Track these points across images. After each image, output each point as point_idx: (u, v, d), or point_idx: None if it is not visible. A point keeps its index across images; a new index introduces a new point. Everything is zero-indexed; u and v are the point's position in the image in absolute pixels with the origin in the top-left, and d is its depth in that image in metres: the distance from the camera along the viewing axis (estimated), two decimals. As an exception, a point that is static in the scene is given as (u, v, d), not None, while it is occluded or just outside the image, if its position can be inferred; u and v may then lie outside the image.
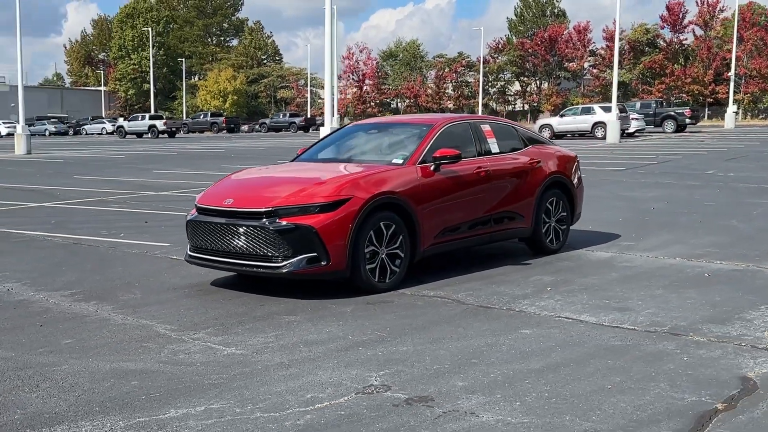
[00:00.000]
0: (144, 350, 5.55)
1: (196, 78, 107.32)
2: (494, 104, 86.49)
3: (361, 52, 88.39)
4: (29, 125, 73.68)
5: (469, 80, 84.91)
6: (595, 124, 43.13)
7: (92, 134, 74.75)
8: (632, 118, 44.57)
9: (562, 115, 46.51)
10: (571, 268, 8.55)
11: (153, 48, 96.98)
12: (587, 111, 45.38)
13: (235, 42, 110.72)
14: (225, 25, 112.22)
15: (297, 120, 71.88)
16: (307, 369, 5.10)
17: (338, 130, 9.73)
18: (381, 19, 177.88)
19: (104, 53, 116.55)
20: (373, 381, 4.85)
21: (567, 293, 7.31)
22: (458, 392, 4.65)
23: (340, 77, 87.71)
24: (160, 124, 61.16)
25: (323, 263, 6.97)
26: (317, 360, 5.30)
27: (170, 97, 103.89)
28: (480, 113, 69.27)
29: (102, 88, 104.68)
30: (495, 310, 6.72)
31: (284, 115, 74.26)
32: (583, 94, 79.72)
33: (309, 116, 74.03)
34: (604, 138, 40.37)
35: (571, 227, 10.20)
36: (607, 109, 42.19)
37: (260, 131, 73.45)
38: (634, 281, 7.80)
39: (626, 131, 43.76)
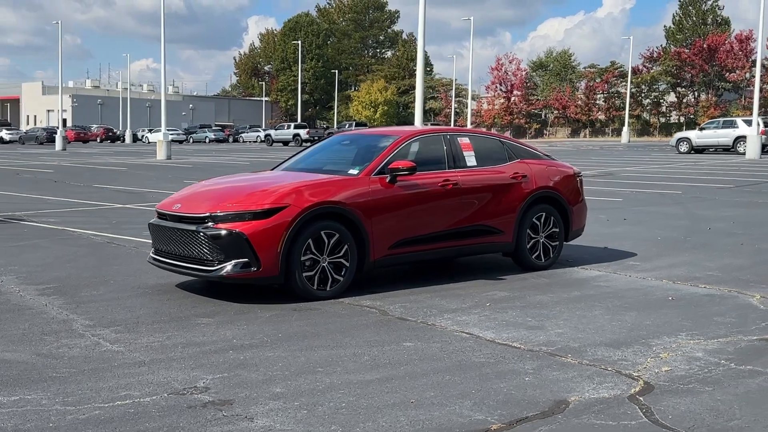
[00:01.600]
0: (38, 342, 6.00)
1: (352, 89, 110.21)
2: (647, 115, 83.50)
3: (510, 62, 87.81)
4: (192, 133, 78.99)
5: (621, 91, 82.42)
6: (737, 139, 40.89)
7: (248, 142, 78.30)
8: (780, 133, 41.79)
9: (701, 129, 44.34)
10: (538, 285, 8.39)
11: (313, 60, 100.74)
12: (729, 124, 43.09)
13: (390, 54, 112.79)
14: (381, 37, 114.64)
15: (437, 130, 72.21)
16: (155, 369, 5.36)
17: (321, 140, 9.99)
18: (549, 29, 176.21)
19: (269, 65, 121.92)
20: (199, 383, 5.05)
21: (500, 309, 7.22)
22: (263, 398, 4.78)
23: (487, 88, 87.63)
24: (303, 133, 63.42)
25: (254, 269, 7.23)
26: (176, 361, 5.56)
27: (327, 107, 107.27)
28: (627, 124, 67.07)
29: (264, 98, 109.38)
30: (409, 322, 6.75)
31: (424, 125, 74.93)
32: (745, 106, 75.53)
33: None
34: (745, 153, 38.16)
35: (574, 242, 10.02)
36: (752, 123, 39.78)
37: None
38: (584, 302, 7.58)
39: (774, 147, 41.14)
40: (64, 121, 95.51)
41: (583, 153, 46.21)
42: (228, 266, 7.24)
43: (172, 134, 73.10)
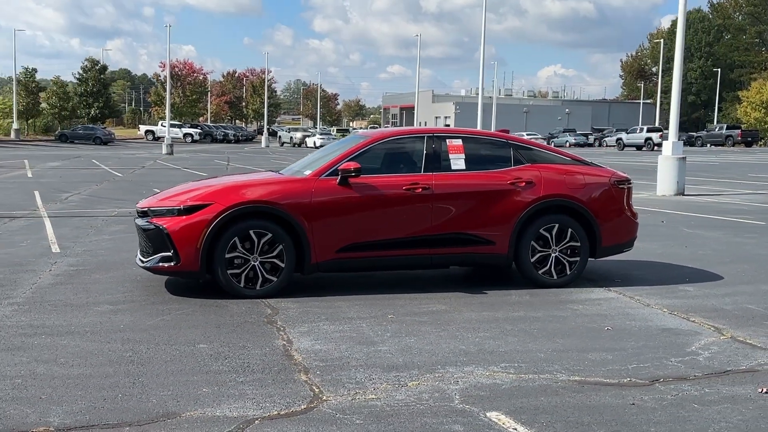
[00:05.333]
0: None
1: (747, 88, 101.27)
2: None
3: None
4: (553, 137, 79.03)
5: None
6: None
7: (607, 146, 76.09)
8: None
9: None
10: (501, 303, 7.59)
11: (701, 59, 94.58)
12: None
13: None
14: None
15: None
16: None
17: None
18: None
19: (656, 66, 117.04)
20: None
21: (394, 321, 6.79)
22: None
23: None
24: (656, 137, 60.08)
25: (173, 263, 7.56)
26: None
27: (717, 108, 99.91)
28: None
29: (643, 100, 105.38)
30: (269, 326, 6.58)
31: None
32: None
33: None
34: None
35: (666, 260, 8.95)
36: None
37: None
38: (502, 323, 6.80)
39: None
40: (447, 126, 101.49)
41: None
42: (154, 259, 7.66)
43: (530, 138, 74.38)
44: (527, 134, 76.92)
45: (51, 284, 8.24)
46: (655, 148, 59.32)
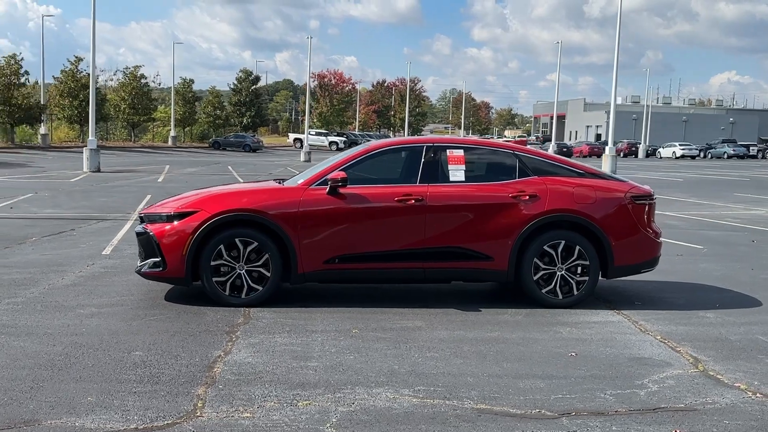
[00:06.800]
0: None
1: None
2: None
3: None
4: (711, 148, 75.05)
5: None
6: None
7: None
8: None
9: None
10: (483, 322, 7.22)
11: None
12: None
13: None
14: None
15: None
16: None
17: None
18: None
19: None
20: None
21: (355, 337, 6.55)
22: None
23: None
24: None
25: (160, 269, 7.64)
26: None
27: None
28: None
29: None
30: (219, 336, 6.53)
31: None
32: None
33: None
34: None
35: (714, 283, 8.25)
36: None
37: None
38: (462, 343, 6.46)
39: None
40: (598, 136, 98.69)
41: None
42: (146, 264, 7.77)
43: (683, 149, 71.21)
44: (680, 144, 73.70)
45: (65, 285, 8.51)
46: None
